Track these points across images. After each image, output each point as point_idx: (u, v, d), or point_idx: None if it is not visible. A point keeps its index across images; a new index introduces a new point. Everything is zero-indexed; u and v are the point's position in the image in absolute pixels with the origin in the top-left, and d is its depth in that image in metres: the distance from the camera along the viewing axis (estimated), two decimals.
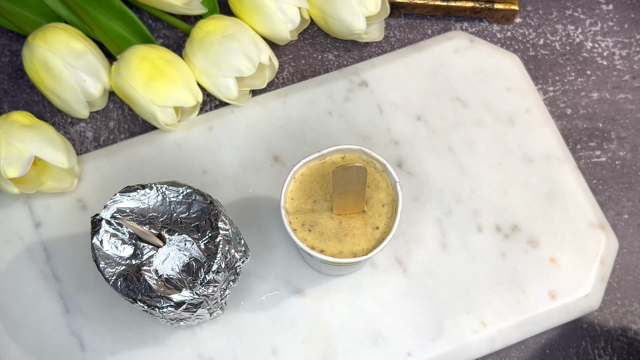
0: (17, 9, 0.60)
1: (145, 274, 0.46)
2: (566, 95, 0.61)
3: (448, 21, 0.63)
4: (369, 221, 0.46)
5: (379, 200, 0.47)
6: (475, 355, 0.52)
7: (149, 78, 0.54)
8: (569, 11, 0.64)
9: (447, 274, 0.54)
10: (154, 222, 0.47)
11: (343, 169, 0.42)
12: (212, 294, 0.46)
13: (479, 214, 0.55)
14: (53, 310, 0.53)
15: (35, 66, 0.54)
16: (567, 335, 0.54)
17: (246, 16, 0.58)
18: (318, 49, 0.62)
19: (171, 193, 0.48)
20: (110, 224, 0.47)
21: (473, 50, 0.61)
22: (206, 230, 0.47)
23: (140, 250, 0.47)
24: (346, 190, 0.44)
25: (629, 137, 0.60)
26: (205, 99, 0.60)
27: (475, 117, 0.59)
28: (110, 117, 0.60)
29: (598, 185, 0.58)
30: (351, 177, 0.43)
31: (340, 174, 0.42)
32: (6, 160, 0.50)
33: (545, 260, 0.54)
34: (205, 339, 0.52)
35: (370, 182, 0.47)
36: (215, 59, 0.55)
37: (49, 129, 0.53)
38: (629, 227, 0.57)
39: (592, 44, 0.63)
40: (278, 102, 0.59)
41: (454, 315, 0.53)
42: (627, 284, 0.55)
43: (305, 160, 0.47)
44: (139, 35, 0.60)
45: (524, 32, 0.63)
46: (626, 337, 0.54)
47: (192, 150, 0.57)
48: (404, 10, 0.63)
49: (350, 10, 0.57)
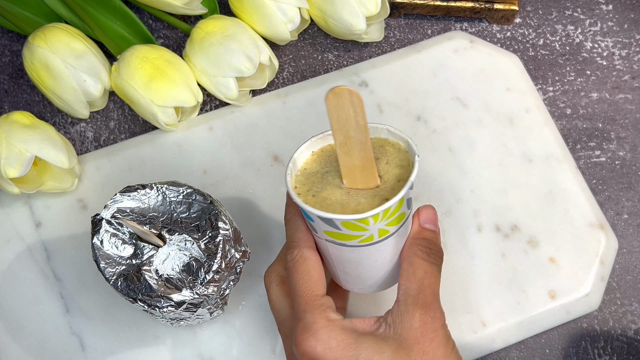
0: (17, 9, 0.60)
1: (146, 274, 0.46)
2: (566, 95, 0.61)
3: (448, 21, 0.64)
4: (379, 193, 0.42)
5: (396, 175, 0.42)
6: (475, 355, 0.52)
7: (150, 78, 0.54)
8: (568, 11, 0.64)
9: (446, 274, 0.54)
10: (154, 222, 0.47)
11: (334, 94, 0.38)
12: (212, 294, 0.46)
13: (478, 213, 0.55)
14: (53, 310, 0.53)
15: (36, 66, 0.54)
16: (567, 335, 0.54)
17: (246, 16, 0.58)
18: (318, 49, 0.62)
19: (171, 193, 0.48)
20: (110, 223, 0.47)
21: (473, 51, 0.61)
22: (206, 230, 0.47)
23: (140, 250, 0.47)
24: (347, 137, 0.40)
25: (628, 137, 0.60)
26: (206, 99, 0.60)
27: (475, 117, 0.59)
28: (111, 117, 0.60)
29: (598, 185, 0.58)
30: (348, 111, 0.39)
31: (334, 104, 0.39)
32: (7, 160, 0.50)
33: (545, 260, 0.54)
34: (205, 339, 0.52)
35: (391, 160, 0.43)
36: (216, 59, 0.55)
37: (50, 129, 0.53)
38: (628, 227, 0.57)
39: (592, 44, 0.63)
40: (278, 102, 0.59)
41: (454, 315, 0.53)
42: (626, 283, 0.55)
43: (324, 134, 0.44)
44: (139, 35, 0.60)
45: (523, 32, 0.63)
46: (626, 337, 0.54)
47: (192, 150, 0.57)
48: (403, 11, 0.63)
49: (350, 11, 0.57)
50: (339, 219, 0.39)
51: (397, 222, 0.41)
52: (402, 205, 0.41)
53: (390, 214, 0.40)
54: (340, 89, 0.38)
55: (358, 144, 0.40)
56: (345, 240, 0.41)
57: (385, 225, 0.40)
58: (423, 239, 0.43)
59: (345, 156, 0.41)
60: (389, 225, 0.41)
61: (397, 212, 0.40)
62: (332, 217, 0.39)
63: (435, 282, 0.41)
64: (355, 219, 0.39)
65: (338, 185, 0.42)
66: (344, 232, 0.40)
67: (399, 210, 0.41)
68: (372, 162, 0.41)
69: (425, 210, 0.44)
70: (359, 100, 0.39)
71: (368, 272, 0.44)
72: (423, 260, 0.42)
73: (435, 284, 0.41)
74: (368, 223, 0.40)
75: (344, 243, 0.42)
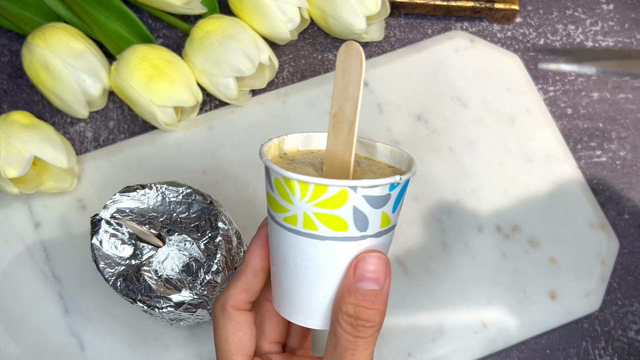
0: (16, 8, 0.60)
1: (145, 274, 0.46)
2: (566, 95, 0.61)
3: (448, 21, 0.63)
4: (355, 176, 0.39)
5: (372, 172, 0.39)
6: (476, 355, 0.52)
7: (149, 78, 0.54)
8: (569, 11, 0.64)
9: (447, 274, 0.54)
10: (154, 222, 0.47)
11: (346, 48, 0.35)
12: (212, 295, 0.46)
13: (479, 214, 0.55)
14: (53, 310, 0.53)
15: (35, 66, 0.54)
16: (568, 336, 0.54)
17: (246, 16, 0.58)
18: (318, 49, 0.62)
19: (171, 193, 0.48)
20: (109, 224, 0.47)
21: (473, 50, 0.61)
22: (206, 230, 0.46)
23: (139, 250, 0.47)
24: (340, 110, 0.36)
25: (629, 137, 0.59)
26: (205, 99, 0.60)
27: (475, 117, 0.58)
28: (110, 117, 0.60)
29: (598, 185, 0.58)
30: (350, 73, 0.35)
31: (343, 58, 0.35)
32: (6, 160, 0.50)
33: (546, 260, 0.54)
34: (205, 339, 0.52)
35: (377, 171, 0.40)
36: (215, 59, 0.55)
37: (49, 128, 0.53)
38: (629, 227, 0.57)
39: (593, 43, 0.63)
40: (278, 102, 0.59)
41: (454, 315, 0.53)
42: (627, 284, 0.55)
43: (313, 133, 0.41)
44: (138, 35, 0.60)
45: (524, 31, 0.63)
46: (627, 338, 0.54)
47: (192, 150, 0.57)
48: (404, 10, 0.63)
49: (350, 10, 0.56)
50: (272, 168, 0.35)
51: (332, 223, 0.35)
52: (344, 204, 0.34)
53: (324, 201, 0.34)
54: (351, 43, 0.35)
55: (348, 121, 0.36)
56: (275, 211, 0.36)
57: (313, 212, 0.34)
58: (351, 304, 0.34)
59: (332, 135, 0.37)
60: (318, 219, 0.35)
61: (334, 207, 0.34)
62: (270, 166, 0.35)
63: (361, 358, 0.34)
64: (282, 175, 0.35)
65: (314, 171, 0.38)
66: (275, 195, 0.36)
67: (338, 209, 0.34)
68: (351, 153, 0.37)
69: (366, 262, 0.34)
70: (360, 67, 0.35)
71: (288, 279, 0.37)
72: (346, 332, 0.34)
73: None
74: (294, 191, 0.35)
75: (274, 215, 0.37)
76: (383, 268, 0.34)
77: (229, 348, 0.38)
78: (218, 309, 0.39)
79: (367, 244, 0.35)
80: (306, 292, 0.37)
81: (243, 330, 0.39)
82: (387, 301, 0.35)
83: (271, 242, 0.38)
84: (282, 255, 0.37)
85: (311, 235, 0.35)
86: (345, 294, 0.34)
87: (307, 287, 0.37)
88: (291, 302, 0.38)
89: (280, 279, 0.38)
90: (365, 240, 0.35)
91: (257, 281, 0.40)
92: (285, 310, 0.38)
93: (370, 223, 0.35)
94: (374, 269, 0.34)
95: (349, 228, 0.35)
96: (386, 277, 0.34)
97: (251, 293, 0.40)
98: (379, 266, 0.34)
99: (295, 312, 0.38)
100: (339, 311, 0.34)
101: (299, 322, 0.38)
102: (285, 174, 0.34)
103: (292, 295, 0.38)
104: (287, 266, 0.37)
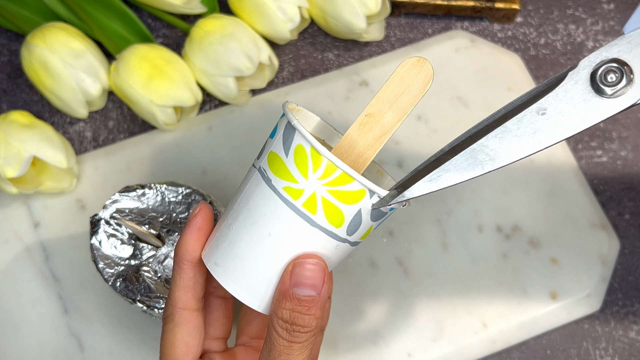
0: (16, 8, 0.60)
1: (145, 274, 0.46)
2: None
3: (449, 20, 0.63)
4: None
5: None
6: (476, 356, 0.52)
7: (148, 77, 0.54)
8: (570, 10, 0.64)
9: (447, 275, 0.54)
10: (153, 222, 0.47)
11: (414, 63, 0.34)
12: None
13: (479, 214, 0.55)
14: (52, 310, 0.53)
15: (34, 66, 0.54)
16: (569, 336, 0.54)
17: (246, 15, 0.58)
18: (318, 49, 0.62)
19: (170, 193, 0.48)
20: (109, 224, 0.47)
21: (474, 50, 0.61)
22: None
23: (139, 250, 0.47)
24: (378, 114, 0.36)
25: (630, 137, 0.59)
26: (205, 99, 0.60)
27: (476, 117, 0.58)
28: (110, 117, 0.60)
29: (599, 185, 0.58)
30: (409, 86, 0.35)
31: (405, 69, 0.34)
32: (5, 160, 0.50)
33: (547, 260, 0.54)
34: None
35: None
36: (215, 59, 0.55)
37: (48, 128, 0.53)
38: (630, 227, 0.57)
39: (594, 43, 0.63)
40: (278, 101, 0.59)
41: (455, 315, 0.52)
42: (628, 284, 0.55)
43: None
44: (138, 34, 0.60)
45: (525, 31, 0.63)
46: (627, 338, 0.54)
47: (191, 150, 0.57)
48: (404, 10, 0.63)
49: (350, 10, 0.56)
50: (305, 136, 0.33)
51: (332, 215, 0.34)
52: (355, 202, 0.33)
53: (339, 192, 0.33)
54: (424, 61, 0.34)
55: (381, 128, 0.36)
56: (277, 176, 0.34)
57: (322, 196, 0.33)
58: (286, 309, 0.33)
59: (356, 131, 0.36)
60: (323, 205, 0.33)
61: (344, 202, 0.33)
62: (301, 131, 0.33)
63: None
64: (313, 146, 0.33)
65: None
66: (287, 161, 0.34)
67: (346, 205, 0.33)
68: (371, 158, 0.37)
69: (303, 267, 0.33)
70: (424, 86, 0.34)
71: (249, 246, 0.35)
72: (280, 337, 0.33)
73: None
74: (317, 167, 0.33)
75: (271, 179, 0.34)
76: (320, 274, 0.33)
77: (174, 352, 0.37)
78: (167, 312, 0.38)
79: (343, 248, 0.35)
80: (263, 266, 0.35)
81: (192, 335, 0.37)
82: (326, 305, 0.34)
83: (246, 200, 0.35)
84: (257, 220, 0.34)
85: (305, 217, 0.33)
86: (281, 298, 0.33)
87: (268, 263, 0.35)
88: (240, 271, 0.35)
89: (237, 241, 0.35)
90: (344, 244, 0.35)
91: (200, 274, 0.38)
92: (225, 277, 0.36)
93: (359, 231, 0.35)
94: (310, 275, 0.33)
95: (341, 227, 0.34)
96: (324, 282, 0.33)
97: (198, 288, 0.38)
98: (315, 272, 0.33)
99: (238, 282, 0.35)
100: (274, 315, 0.34)
101: (235, 293, 0.36)
102: (318, 148, 0.33)
103: (243, 264, 0.35)
104: (256, 232, 0.34)
